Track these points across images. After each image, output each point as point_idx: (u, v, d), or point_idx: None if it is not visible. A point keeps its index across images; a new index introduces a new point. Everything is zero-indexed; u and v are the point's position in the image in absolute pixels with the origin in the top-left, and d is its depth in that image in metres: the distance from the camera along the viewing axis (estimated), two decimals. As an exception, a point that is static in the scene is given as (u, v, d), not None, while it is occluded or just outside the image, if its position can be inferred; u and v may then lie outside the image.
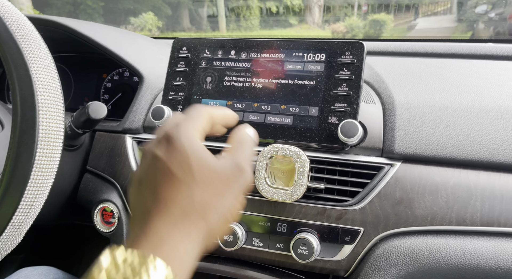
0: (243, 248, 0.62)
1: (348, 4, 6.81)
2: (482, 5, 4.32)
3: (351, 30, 6.34)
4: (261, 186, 0.59)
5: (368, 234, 0.57)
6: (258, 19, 7.54)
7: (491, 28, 3.34)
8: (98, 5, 7.57)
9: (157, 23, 7.47)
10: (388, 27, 6.03)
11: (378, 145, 0.60)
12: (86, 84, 0.88)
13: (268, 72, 0.65)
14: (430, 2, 5.30)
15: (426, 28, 5.43)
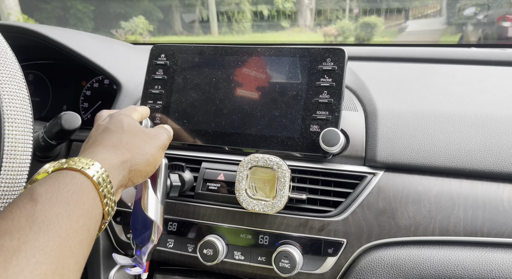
0: (224, 262, 0.60)
1: (339, 7, 6.88)
2: (470, 7, 4.38)
3: (343, 32, 6.38)
4: (242, 197, 0.57)
5: (351, 245, 0.55)
6: (250, 23, 7.56)
7: (480, 30, 3.39)
8: (89, 9, 7.51)
9: (148, 27, 7.43)
10: (379, 30, 6.08)
11: (361, 154, 0.58)
12: (65, 92, 0.86)
13: (248, 80, 0.64)
14: (420, 5, 5.36)
15: (416, 30, 5.49)
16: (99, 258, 0.65)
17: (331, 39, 6.09)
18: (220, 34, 7.23)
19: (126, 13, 7.34)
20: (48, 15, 7.22)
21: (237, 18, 7.60)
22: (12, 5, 6.17)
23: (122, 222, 0.65)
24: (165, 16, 7.34)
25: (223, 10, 7.72)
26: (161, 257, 0.64)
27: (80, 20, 7.30)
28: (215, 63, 0.66)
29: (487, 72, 0.69)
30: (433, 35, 4.56)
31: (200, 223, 0.61)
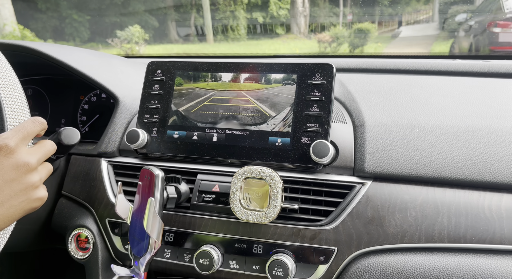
0: (219, 271, 0.62)
1: (333, 14, 6.89)
2: (462, 13, 4.42)
3: (337, 39, 6.41)
4: (236, 208, 0.59)
5: (341, 253, 0.57)
6: (245, 30, 7.53)
7: (471, 35, 3.44)
8: (84, 18, 7.50)
9: (144, 36, 7.41)
10: (373, 36, 6.10)
11: (350, 164, 0.61)
12: (63, 106, 0.88)
13: (241, 95, 0.67)
14: (413, 11, 5.40)
15: (409, 36, 5.54)
16: (97, 269, 0.66)
17: (325, 45, 6.14)
18: (216, 42, 7.24)
19: (122, 22, 7.37)
20: (43, 24, 7.23)
21: (232, 25, 7.62)
22: (7, 15, 6.16)
23: (120, 233, 0.67)
24: (160, 25, 7.38)
25: (218, 18, 7.74)
26: (159, 267, 0.65)
27: (76, 29, 7.32)
28: (209, 78, 0.69)
29: (470, 84, 0.72)
30: (426, 40, 4.63)
31: (196, 233, 0.63)
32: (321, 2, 7.50)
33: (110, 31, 6.80)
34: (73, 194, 0.72)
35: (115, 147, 0.72)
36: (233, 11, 7.57)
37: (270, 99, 0.65)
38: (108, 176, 0.70)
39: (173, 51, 6.55)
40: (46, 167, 0.51)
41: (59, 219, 0.72)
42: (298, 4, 7.51)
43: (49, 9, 6.97)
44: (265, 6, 7.65)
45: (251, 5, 7.70)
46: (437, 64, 0.79)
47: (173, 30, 7.05)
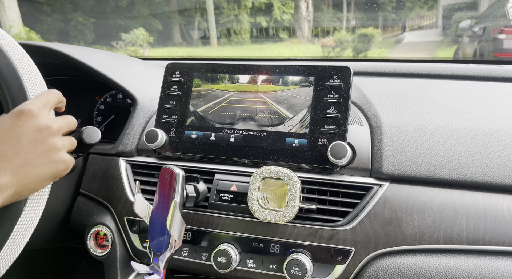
0: (236, 270, 0.63)
1: (336, 19, 6.90)
2: (466, 20, 4.42)
3: (340, 44, 6.40)
4: (254, 207, 0.60)
5: (359, 253, 0.58)
6: (248, 34, 7.54)
7: (475, 42, 3.44)
8: (89, 21, 7.50)
9: (148, 39, 7.41)
10: (376, 41, 6.11)
11: (367, 166, 0.62)
12: (79, 106, 0.89)
13: (259, 96, 0.67)
14: (416, 17, 5.40)
15: (412, 42, 5.53)
16: (116, 266, 0.67)
17: (329, 50, 6.16)
18: (219, 45, 7.26)
19: (126, 25, 7.39)
20: (48, 27, 7.25)
21: (235, 29, 7.63)
22: (14, 17, 6.19)
23: (138, 231, 0.68)
24: (164, 28, 7.40)
25: (222, 22, 7.75)
26: (176, 265, 0.66)
27: (81, 32, 7.34)
28: (227, 80, 0.70)
29: (485, 88, 0.72)
30: (429, 46, 4.64)
31: (213, 232, 0.64)
32: (324, 7, 7.53)
33: (114, 34, 6.83)
34: (91, 192, 0.72)
35: (133, 146, 0.73)
36: (237, 15, 7.60)
37: (287, 100, 0.66)
38: (126, 175, 0.71)
39: (177, 54, 6.57)
40: (70, 138, 0.53)
41: (78, 216, 0.73)
42: (302, 9, 7.54)
43: (54, 11, 7.01)
44: (268, 10, 7.68)
45: (255, 9, 7.74)
46: (451, 69, 0.79)
47: (177, 33, 7.09)
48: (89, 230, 0.69)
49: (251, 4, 7.62)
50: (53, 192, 0.52)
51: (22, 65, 0.53)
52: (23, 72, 0.52)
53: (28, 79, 0.53)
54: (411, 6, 5.44)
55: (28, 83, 0.52)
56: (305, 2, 7.69)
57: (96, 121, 0.88)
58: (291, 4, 7.92)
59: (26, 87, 0.52)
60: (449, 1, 4.72)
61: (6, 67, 0.51)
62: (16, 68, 0.51)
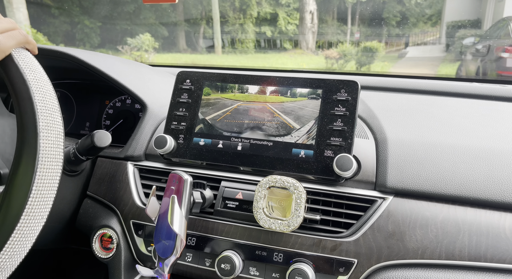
0: (239, 277, 0.63)
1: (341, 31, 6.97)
2: (469, 37, 4.47)
3: (344, 56, 6.46)
4: (259, 215, 0.61)
5: (361, 265, 0.58)
6: (253, 43, 7.58)
7: (478, 59, 3.47)
8: (96, 24, 7.56)
9: (154, 44, 7.46)
10: (380, 54, 6.16)
11: (371, 179, 0.62)
12: (89, 110, 0.91)
13: (267, 106, 0.69)
14: (420, 32, 5.47)
15: (416, 57, 5.58)
16: (120, 269, 0.67)
17: (332, 62, 6.21)
18: (224, 53, 7.28)
19: (132, 30, 7.44)
20: (55, 29, 7.29)
21: (240, 38, 7.66)
22: (22, 19, 6.25)
23: (143, 235, 0.68)
24: (170, 34, 7.45)
25: (227, 30, 7.81)
26: (179, 270, 0.66)
27: (87, 35, 7.39)
28: (236, 89, 0.71)
29: (489, 107, 0.74)
30: (432, 61, 4.69)
31: (218, 238, 0.64)
32: (329, 19, 7.61)
33: (120, 38, 6.88)
34: (98, 195, 0.73)
35: (142, 151, 0.74)
36: (242, 24, 7.68)
37: (294, 112, 0.67)
38: (134, 179, 0.71)
39: (182, 60, 6.62)
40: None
41: (84, 218, 0.73)
42: (307, 20, 7.62)
43: (61, 14, 7.06)
44: (274, 20, 7.75)
45: (260, 19, 7.81)
46: (455, 86, 0.81)
47: (182, 40, 7.14)
48: (95, 232, 0.70)
49: (256, 13, 7.69)
50: (60, 193, 0.52)
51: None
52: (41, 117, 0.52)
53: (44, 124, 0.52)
54: (415, 22, 5.51)
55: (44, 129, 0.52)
56: (310, 13, 7.78)
57: (104, 125, 0.90)
58: (296, 15, 8.00)
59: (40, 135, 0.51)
60: (453, 18, 4.78)
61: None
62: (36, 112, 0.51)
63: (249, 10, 7.69)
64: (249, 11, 7.62)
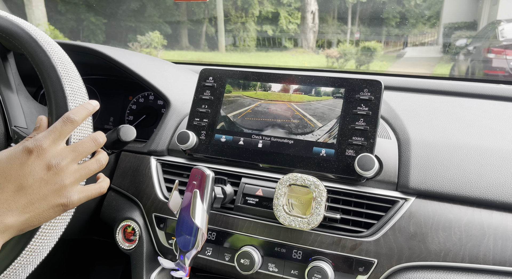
0: (258, 273, 0.59)
1: (341, 31, 6.84)
2: (462, 38, 4.37)
3: (344, 55, 6.33)
4: (279, 213, 0.56)
5: (381, 265, 0.53)
6: (255, 41, 7.45)
7: (469, 59, 3.39)
8: (101, 21, 7.43)
9: (162, 42, 7.36)
10: (378, 54, 6.03)
11: (393, 180, 0.57)
12: (113, 105, 0.86)
13: (288, 105, 0.63)
14: (419, 33, 5.32)
15: (413, 57, 5.45)
16: (142, 260, 0.63)
17: (333, 60, 6.08)
18: (227, 51, 7.16)
19: (137, 27, 7.30)
20: (61, 26, 7.13)
21: (242, 36, 7.53)
22: (40, 16, 6.14)
23: (164, 228, 0.64)
24: (173, 31, 7.31)
25: (229, 29, 7.66)
26: (199, 263, 0.62)
27: (92, 32, 7.25)
28: (258, 87, 0.65)
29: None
30: (429, 62, 4.55)
31: (238, 234, 0.60)
32: (330, 19, 7.42)
33: (124, 35, 6.73)
34: (122, 188, 0.69)
35: (165, 146, 0.69)
36: (244, 23, 7.50)
37: (316, 110, 0.61)
38: (156, 173, 0.67)
39: (188, 57, 6.49)
40: (84, 168, 0.46)
41: (108, 210, 0.69)
42: (309, 20, 7.43)
43: (68, 11, 6.88)
44: (275, 19, 7.57)
45: (262, 18, 7.62)
46: (481, 88, 0.74)
47: (185, 37, 6.98)
48: (118, 224, 0.66)
49: (258, 12, 7.50)
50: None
51: (67, 78, 0.50)
52: (65, 79, 0.50)
53: (70, 89, 0.50)
54: (414, 23, 5.32)
55: (70, 92, 0.50)
56: (311, 13, 7.59)
57: (127, 120, 0.85)
58: (297, 15, 7.80)
59: (68, 96, 0.49)
60: (450, 20, 4.62)
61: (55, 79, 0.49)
62: (61, 80, 0.49)
63: (251, 9, 7.50)
64: (251, 10, 7.43)
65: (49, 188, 0.42)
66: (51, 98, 0.49)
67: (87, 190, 0.46)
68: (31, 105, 0.58)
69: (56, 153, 0.43)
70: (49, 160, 0.42)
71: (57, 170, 0.42)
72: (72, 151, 0.45)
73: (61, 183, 0.43)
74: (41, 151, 0.42)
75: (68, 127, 0.45)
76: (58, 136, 0.44)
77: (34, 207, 0.41)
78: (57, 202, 0.42)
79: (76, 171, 0.45)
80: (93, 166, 0.47)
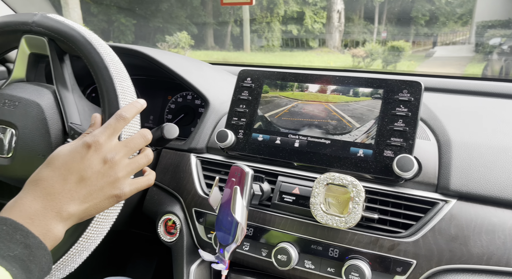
0: (295, 269, 0.60)
1: (367, 30, 6.70)
2: (496, 37, 4.16)
3: (370, 54, 6.21)
4: (316, 211, 0.57)
5: (420, 267, 0.53)
6: (279, 41, 7.43)
7: (503, 59, 3.22)
8: (131, 22, 7.64)
9: (190, 42, 7.49)
10: (406, 54, 5.86)
11: (433, 181, 0.56)
12: (152, 104, 0.90)
13: (325, 105, 0.64)
14: (449, 32, 5.11)
15: (443, 56, 5.25)
16: (183, 253, 0.66)
17: (359, 60, 5.96)
18: (252, 51, 7.15)
19: (164, 27, 7.44)
20: (93, 27, 7.37)
21: (267, 36, 7.50)
22: (76, 18, 6.42)
23: (204, 223, 0.66)
24: (199, 32, 7.38)
25: (254, 28, 7.66)
26: (237, 258, 0.64)
27: (122, 32, 7.45)
28: (295, 87, 0.67)
29: None
30: (460, 61, 4.37)
31: (274, 230, 0.61)
32: (356, 18, 7.26)
33: (153, 36, 6.87)
34: (163, 183, 0.72)
35: (204, 144, 0.71)
36: (269, 23, 7.47)
37: (353, 111, 0.62)
38: (196, 170, 0.69)
39: (213, 57, 6.57)
40: (135, 162, 0.50)
41: (150, 204, 0.72)
42: (334, 19, 7.31)
43: (100, 12, 7.11)
44: (300, 19, 7.47)
45: (287, 18, 7.54)
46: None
47: (211, 37, 7.05)
48: (160, 217, 0.69)
49: (283, 12, 7.43)
50: None
51: (115, 70, 0.55)
52: (116, 78, 0.54)
53: (121, 87, 0.54)
54: (444, 21, 5.12)
55: (121, 91, 0.54)
56: (337, 13, 7.46)
57: (166, 118, 0.88)
58: (323, 14, 7.67)
59: (119, 95, 0.53)
60: (483, 18, 4.40)
61: (108, 79, 0.53)
62: (113, 79, 0.54)
63: (276, 8, 7.45)
64: (276, 9, 7.37)
65: (105, 180, 0.45)
66: (104, 97, 0.53)
67: (137, 183, 0.50)
68: (84, 103, 0.62)
69: (111, 148, 0.47)
70: (105, 154, 0.46)
71: (112, 163, 0.46)
72: (124, 146, 0.48)
73: (115, 176, 0.46)
74: (98, 146, 0.45)
75: (121, 124, 0.49)
76: (112, 132, 0.48)
77: (93, 197, 0.44)
78: (112, 193, 0.46)
79: (128, 165, 0.48)
80: (142, 160, 0.51)
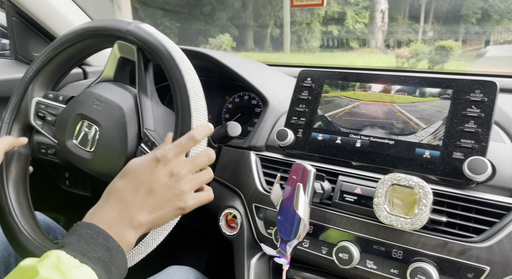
0: (356, 268, 0.60)
1: (412, 30, 6.39)
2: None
3: (416, 54, 5.92)
4: (380, 212, 0.56)
5: (494, 274, 0.51)
6: (319, 42, 7.32)
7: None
8: (175, 26, 7.95)
9: (232, 44, 7.67)
10: (455, 54, 5.50)
11: (509, 185, 0.54)
12: (211, 104, 0.94)
13: (388, 105, 0.63)
14: (504, 30, 4.75)
15: (496, 56, 4.87)
16: (243, 246, 0.69)
17: (403, 61, 5.70)
18: (292, 52, 7.12)
19: (206, 30, 7.64)
20: None
21: (306, 37, 7.42)
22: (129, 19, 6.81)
23: (264, 218, 0.69)
24: (239, 33, 7.49)
25: (294, 29, 7.62)
26: (296, 254, 0.65)
27: (167, 35, 7.76)
28: (357, 87, 0.67)
29: None
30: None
31: (335, 229, 0.62)
32: (400, 18, 6.96)
33: (195, 38, 7.08)
34: (223, 179, 0.75)
35: (263, 142, 0.74)
36: (309, 24, 7.39)
37: (419, 111, 0.61)
38: (256, 167, 0.72)
39: (253, 59, 6.63)
40: (198, 178, 0.52)
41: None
42: (378, 19, 7.07)
43: (147, 17, 7.44)
44: (341, 19, 7.31)
45: (328, 18, 7.41)
46: None
47: (250, 39, 7.12)
48: (221, 212, 0.72)
49: (324, 13, 7.31)
50: None
51: (192, 92, 0.57)
52: (193, 99, 0.56)
53: (195, 108, 0.56)
54: (498, 19, 4.75)
55: (195, 112, 0.56)
56: (381, 12, 7.20)
57: (224, 118, 0.92)
58: (365, 14, 7.44)
59: (192, 116, 0.55)
60: (546, 14, 4.02)
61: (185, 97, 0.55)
62: (189, 98, 0.56)
63: (316, 9, 7.36)
64: (317, 10, 7.28)
65: (171, 193, 0.48)
66: (179, 114, 0.55)
67: (199, 197, 0.53)
68: (159, 109, 0.65)
69: (177, 163, 0.50)
70: (172, 169, 0.49)
71: (178, 177, 0.49)
72: (190, 163, 0.51)
73: (181, 189, 0.49)
74: (166, 161, 0.49)
75: (190, 144, 0.52)
76: (181, 150, 0.51)
77: (160, 209, 0.47)
78: (177, 205, 0.49)
79: (192, 180, 0.51)
80: (205, 176, 0.54)
